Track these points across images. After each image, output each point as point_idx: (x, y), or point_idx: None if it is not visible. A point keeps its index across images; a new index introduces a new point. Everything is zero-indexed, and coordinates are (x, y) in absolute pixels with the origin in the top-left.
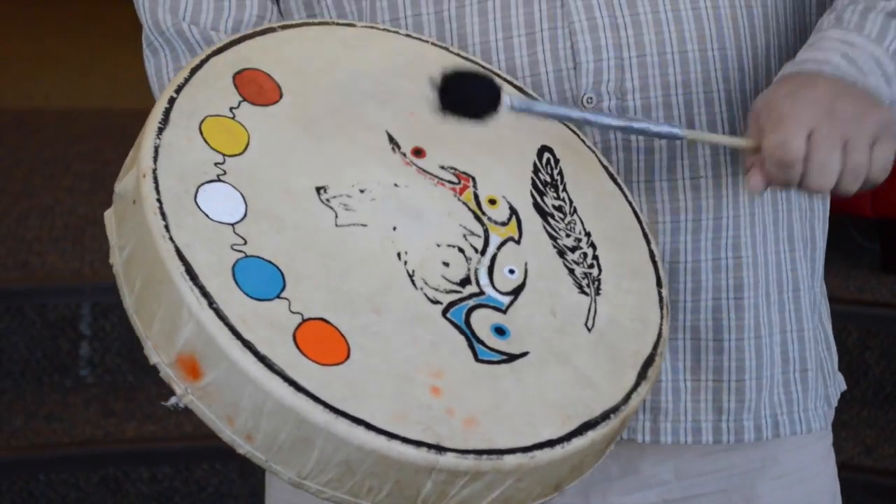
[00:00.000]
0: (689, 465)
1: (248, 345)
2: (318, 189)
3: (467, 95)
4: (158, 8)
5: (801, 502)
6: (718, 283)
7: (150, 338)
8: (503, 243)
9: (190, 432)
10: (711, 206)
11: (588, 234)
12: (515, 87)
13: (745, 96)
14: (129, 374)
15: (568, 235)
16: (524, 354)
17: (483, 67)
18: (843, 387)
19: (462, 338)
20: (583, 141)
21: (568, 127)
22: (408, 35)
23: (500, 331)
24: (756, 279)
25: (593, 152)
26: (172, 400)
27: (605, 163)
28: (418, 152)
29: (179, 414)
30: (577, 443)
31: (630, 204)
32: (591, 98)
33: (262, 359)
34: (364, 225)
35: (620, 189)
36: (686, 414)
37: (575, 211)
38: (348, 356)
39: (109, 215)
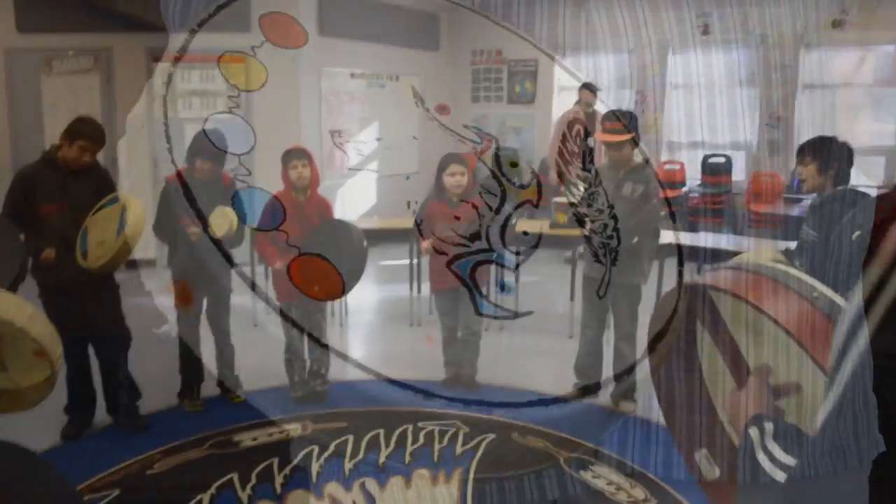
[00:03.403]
0: None
1: None
2: (331, 133)
3: None
4: None
5: None
6: None
7: None
8: (520, 205)
9: None
10: None
11: (611, 207)
12: None
13: None
14: None
15: (590, 206)
16: (529, 313)
17: None
18: None
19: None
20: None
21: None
22: None
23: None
24: None
25: None
26: None
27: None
28: (443, 109)
29: None
30: None
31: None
32: None
33: None
34: (375, 172)
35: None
36: None
37: (600, 183)
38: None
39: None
